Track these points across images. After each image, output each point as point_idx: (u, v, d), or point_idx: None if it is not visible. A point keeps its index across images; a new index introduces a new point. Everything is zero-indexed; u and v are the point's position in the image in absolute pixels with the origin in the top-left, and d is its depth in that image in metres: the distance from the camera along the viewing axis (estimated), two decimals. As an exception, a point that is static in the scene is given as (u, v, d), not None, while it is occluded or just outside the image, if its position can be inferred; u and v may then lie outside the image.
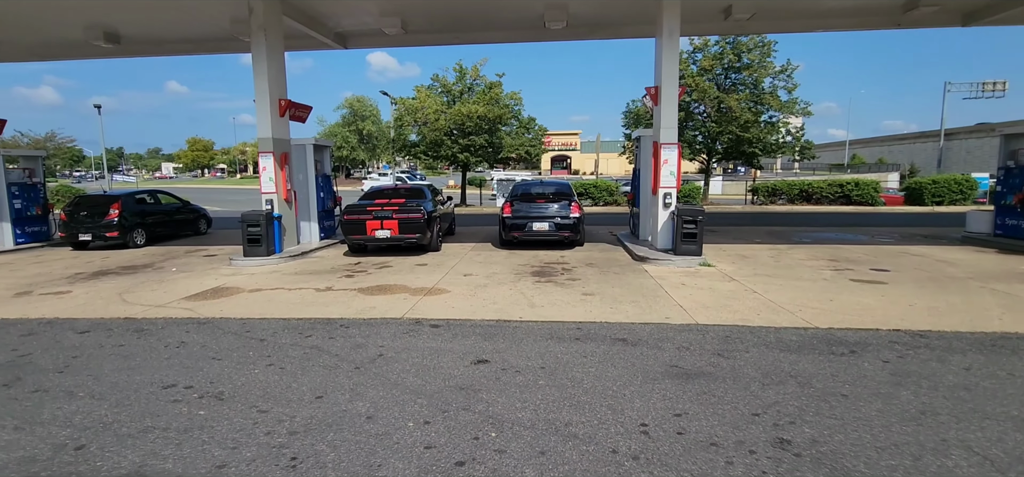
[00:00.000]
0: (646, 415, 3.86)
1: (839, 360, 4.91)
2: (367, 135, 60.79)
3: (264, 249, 10.69)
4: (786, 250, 11.50)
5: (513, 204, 11.80)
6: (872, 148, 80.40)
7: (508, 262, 10.29)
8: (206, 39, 14.59)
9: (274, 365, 4.96)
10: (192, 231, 15.99)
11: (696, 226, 9.79)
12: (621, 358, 5.02)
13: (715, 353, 5.12)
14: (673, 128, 10.42)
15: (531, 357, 5.07)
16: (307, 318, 6.56)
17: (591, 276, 8.86)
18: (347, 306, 7.12)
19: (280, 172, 11.54)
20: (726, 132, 21.57)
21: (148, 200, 14.80)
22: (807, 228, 15.91)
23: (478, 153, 24.58)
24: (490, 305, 7.04)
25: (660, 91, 10.47)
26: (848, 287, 7.91)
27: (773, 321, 6.16)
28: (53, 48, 15.31)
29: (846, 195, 22.35)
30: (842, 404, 4.00)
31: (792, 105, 22.05)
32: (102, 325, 6.45)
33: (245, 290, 8.25)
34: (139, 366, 5.00)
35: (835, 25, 13.15)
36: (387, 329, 6.04)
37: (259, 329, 6.14)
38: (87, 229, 13.08)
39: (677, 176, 10.55)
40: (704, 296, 7.41)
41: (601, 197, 24.45)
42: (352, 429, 3.69)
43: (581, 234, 11.85)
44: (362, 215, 10.93)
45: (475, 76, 24.53)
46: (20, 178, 13.82)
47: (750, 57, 21.53)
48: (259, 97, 11.16)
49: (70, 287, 8.78)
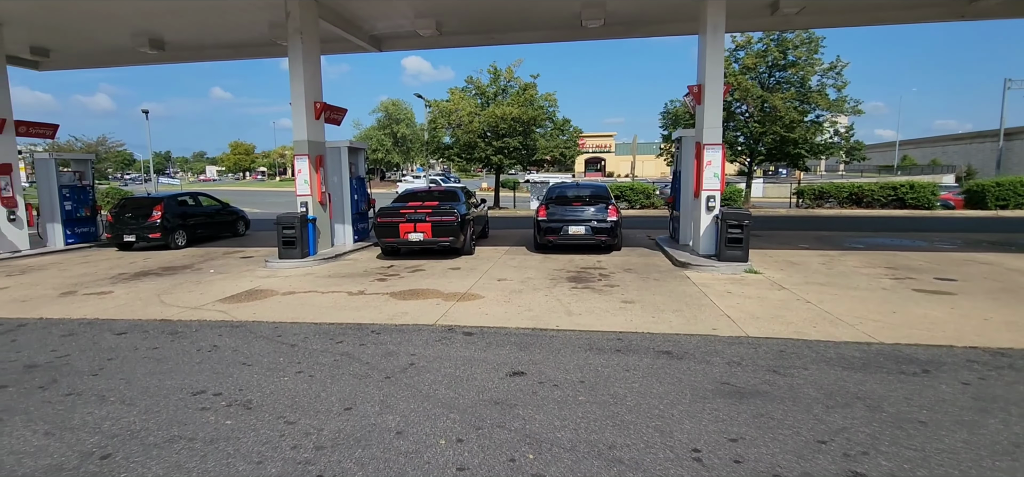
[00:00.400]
0: (698, 439, 3.52)
1: (911, 381, 4.45)
2: (401, 138, 61.45)
3: (299, 251, 10.71)
4: (838, 257, 10.85)
5: (548, 207, 11.51)
6: (924, 149, 76.68)
7: (543, 267, 10.01)
8: (246, 44, 14.85)
9: (303, 372, 4.82)
10: (231, 232, 16.30)
11: (742, 231, 9.30)
12: (666, 373, 4.67)
13: (770, 369, 4.72)
14: (717, 128, 9.94)
15: (569, 370, 4.78)
16: (338, 323, 6.43)
17: (630, 282, 8.50)
18: (379, 311, 6.98)
19: (315, 174, 11.57)
20: (770, 132, 20.70)
21: (189, 202, 15.14)
22: (859, 233, 15.06)
23: (512, 155, 24.37)
24: (525, 312, 6.78)
25: (703, 90, 10.01)
26: (911, 298, 7.31)
27: (831, 335, 5.69)
28: (102, 55, 15.87)
29: (900, 198, 21.13)
30: (921, 433, 3.57)
31: (841, 104, 20.99)
32: (139, 326, 6.47)
33: (279, 293, 8.22)
34: (171, 370, 4.94)
35: (893, 18, 12.38)
36: (419, 336, 5.85)
37: (291, 334, 6.04)
38: (131, 230, 13.44)
39: (721, 178, 10.07)
40: (753, 306, 6.96)
41: (637, 200, 23.88)
42: (381, 445, 3.49)
43: (618, 238, 11.47)
44: (395, 218, 10.84)
45: (510, 77, 24.34)
46: (70, 181, 14.32)
47: (796, 54, 20.61)
48: (295, 100, 11.22)
49: (112, 287, 8.95)
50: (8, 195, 12.84)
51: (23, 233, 13.20)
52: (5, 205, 12.80)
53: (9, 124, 13.01)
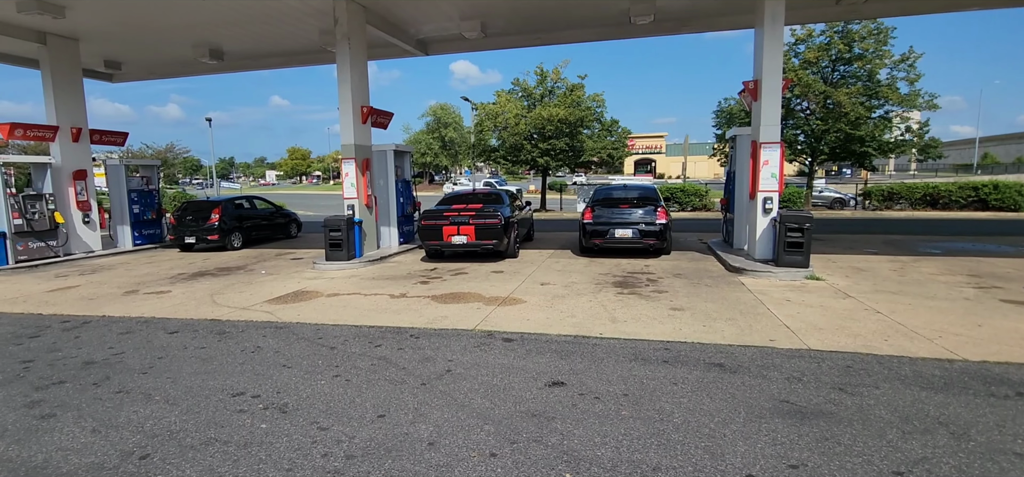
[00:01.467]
0: (753, 464, 3.20)
1: (1003, 405, 3.93)
2: (449, 141, 62.21)
3: (345, 254, 10.86)
4: (911, 262, 10.00)
5: (594, 209, 11.20)
6: (1008, 146, 70.81)
7: (588, 271, 9.72)
8: (298, 52, 15.29)
9: (340, 376, 4.78)
10: (284, 235, 16.82)
11: (802, 234, 8.70)
12: (718, 388, 4.33)
13: (835, 387, 4.30)
14: (775, 126, 9.36)
15: (612, 381, 4.52)
16: (378, 326, 6.40)
17: (679, 288, 8.10)
18: (419, 314, 6.91)
19: (361, 178, 11.72)
20: (833, 130, 19.47)
21: (245, 205, 15.72)
22: (935, 237, 13.91)
23: (558, 157, 24.08)
24: (568, 318, 6.54)
25: (760, 85, 9.46)
26: (999, 310, 6.58)
27: (906, 349, 5.16)
28: (168, 66, 16.77)
29: (982, 200, 19.40)
30: (1018, 467, 3.11)
31: (914, 97, 19.48)
32: (190, 326, 6.67)
33: (323, 294, 8.32)
34: (215, 370, 5.01)
35: (973, 3, 11.34)
36: (457, 341, 5.72)
37: (331, 336, 6.04)
38: (192, 233, 14.06)
39: (779, 178, 9.48)
40: (814, 315, 6.45)
41: (689, 202, 23.09)
42: (412, 457, 3.35)
43: (668, 242, 11.02)
44: (439, 221, 10.83)
45: (556, 78, 24.08)
46: (139, 185, 15.16)
47: (863, 46, 19.29)
48: (342, 104, 11.41)
49: (171, 287, 9.33)
50: (83, 199, 13.71)
51: (96, 235, 14.06)
52: (80, 208, 13.67)
53: (85, 133, 13.90)
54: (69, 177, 13.41)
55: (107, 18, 12.22)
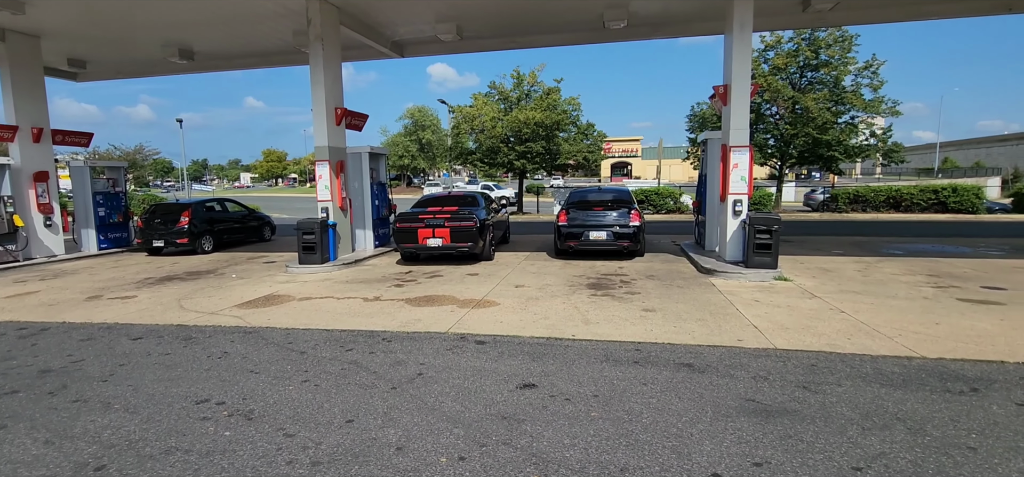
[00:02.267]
0: (718, 462, 3.25)
1: (958, 400, 4.07)
2: (427, 144, 61.92)
3: (318, 257, 10.71)
4: (875, 263, 10.30)
5: (569, 212, 11.27)
6: (966, 150, 73.51)
7: (563, 273, 9.77)
8: (271, 52, 15.04)
9: (309, 381, 4.70)
10: (257, 238, 16.52)
11: (771, 236, 8.89)
12: (686, 388, 4.39)
13: (800, 385, 4.40)
14: (744, 130, 9.56)
15: (583, 382, 4.55)
16: (350, 330, 6.32)
17: (652, 290, 8.19)
18: (392, 317, 6.85)
19: (336, 180, 11.58)
20: (801, 134, 19.97)
21: (217, 208, 15.40)
22: (897, 238, 14.36)
23: (535, 160, 24.18)
24: (541, 320, 6.55)
25: (730, 90, 9.64)
26: (956, 308, 6.82)
27: (868, 348, 5.31)
28: (136, 66, 16.33)
29: (941, 202, 20.10)
30: (970, 460, 3.22)
31: (878, 104, 20.10)
32: (155, 332, 6.49)
33: (295, 298, 8.19)
34: (178, 377, 4.88)
35: (933, 12, 11.75)
36: (430, 345, 5.69)
37: (302, 340, 5.95)
38: (160, 236, 13.70)
39: (748, 182, 9.67)
40: (782, 315, 6.59)
41: (663, 204, 23.38)
42: (379, 462, 3.32)
43: (641, 244, 11.14)
44: (414, 223, 10.76)
45: (533, 82, 24.17)
46: (104, 187, 14.72)
47: (829, 53, 19.85)
48: (316, 106, 11.26)
49: (137, 292, 9.08)
50: (45, 202, 13.24)
51: (58, 238, 13.60)
52: (42, 211, 13.21)
53: (46, 133, 13.44)
54: (29, 179, 12.94)
55: (71, 16, 11.85)
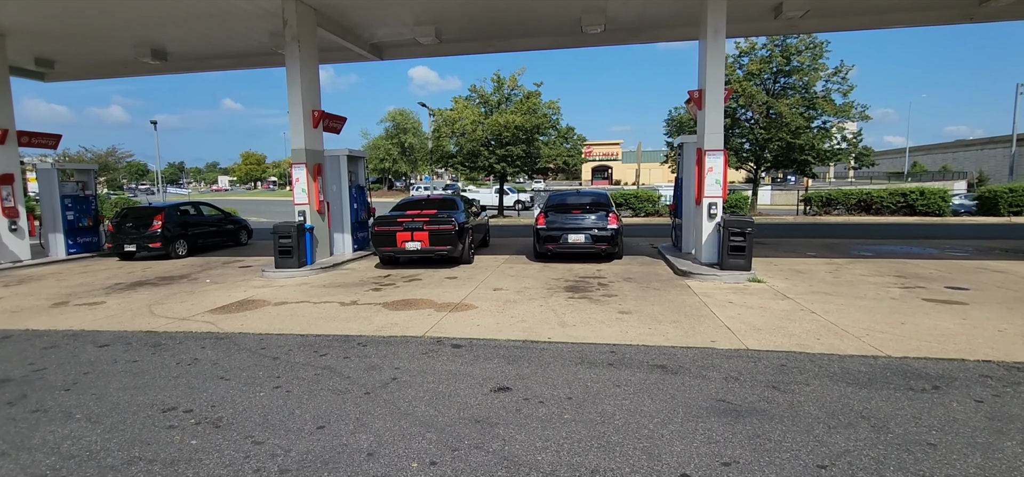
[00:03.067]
0: (688, 462, 3.29)
1: (920, 398, 4.18)
2: (408, 147, 61.60)
3: (295, 261, 10.58)
4: (845, 265, 10.54)
5: (547, 215, 11.31)
6: (934, 155, 75.71)
7: (541, 276, 9.80)
8: (247, 54, 14.84)
9: (281, 387, 4.64)
10: (233, 242, 16.24)
11: (744, 238, 9.04)
12: (659, 389, 4.44)
13: (769, 385, 4.48)
14: (718, 134, 9.71)
15: (558, 385, 4.56)
16: (325, 335, 6.26)
17: (629, 292, 8.26)
18: (368, 322, 6.79)
19: (313, 183, 11.46)
20: (775, 139, 20.38)
21: (191, 212, 15.11)
22: (867, 240, 14.71)
23: (515, 163, 24.23)
24: (518, 323, 6.56)
25: (704, 95, 9.80)
26: (921, 308, 7.02)
27: (836, 348, 5.43)
28: (107, 66, 15.95)
29: (910, 205, 20.69)
30: (930, 456, 3.32)
31: (848, 109, 20.61)
32: (123, 339, 6.34)
33: (270, 303, 8.07)
34: (145, 385, 4.78)
35: (898, 21, 12.11)
36: (405, 349, 5.65)
37: (275, 346, 5.87)
38: (132, 240, 13.40)
39: (723, 185, 9.83)
40: (754, 316, 6.70)
41: (642, 207, 23.62)
42: (349, 468, 3.29)
43: (619, 247, 11.24)
44: (392, 227, 10.69)
45: (513, 86, 24.24)
46: (73, 191, 14.34)
47: (800, 59, 20.31)
48: (293, 108, 11.14)
49: (106, 298, 8.85)
50: (10, 205, 12.85)
51: (24, 243, 13.20)
52: (7, 215, 12.81)
53: (11, 135, 13.05)
54: (-7, 182, 12.55)
55: (37, 13, 11.54)
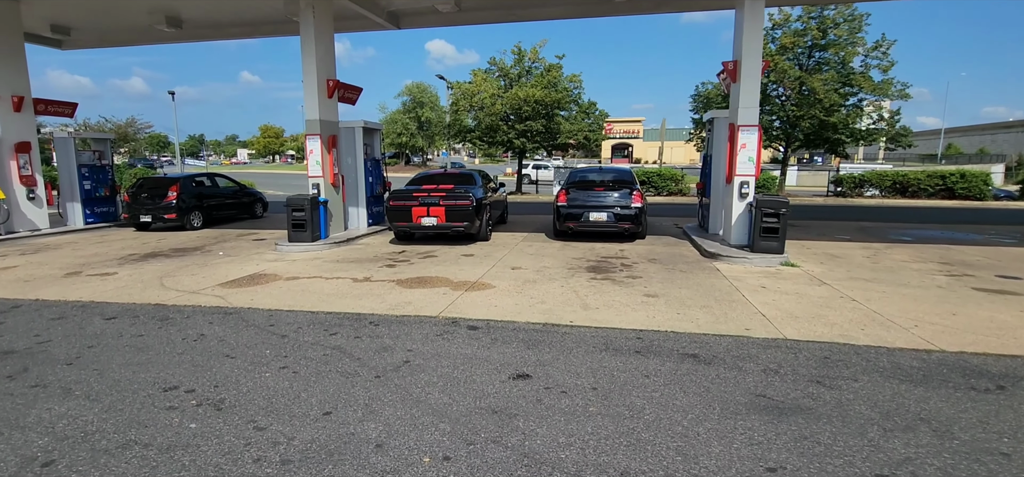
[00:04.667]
0: (729, 467, 2.95)
1: (985, 399, 3.77)
2: (426, 121, 61.09)
3: (309, 235, 10.37)
4: (883, 249, 9.98)
5: (568, 192, 10.90)
6: (971, 137, 72.91)
7: (561, 255, 9.44)
8: (262, 21, 14.48)
9: (288, 367, 4.39)
10: (249, 214, 16.14)
11: (778, 220, 8.55)
12: (692, 381, 4.09)
13: (813, 380, 4.09)
14: (753, 108, 9.16)
15: (581, 373, 4.24)
16: (337, 312, 6.01)
17: (654, 274, 7.87)
18: (382, 299, 6.53)
19: (327, 155, 11.20)
20: (808, 117, 19.50)
21: (206, 183, 15.00)
22: (905, 224, 14.03)
23: (535, 139, 23.70)
24: (538, 305, 6.24)
25: (739, 66, 9.22)
26: (972, 298, 6.51)
27: (883, 339, 5.00)
28: (123, 33, 15.77)
29: (949, 188, 19.74)
30: (1006, 469, 2.93)
31: (887, 86, 19.62)
32: (131, 311, 6.17)
33: (282, 278, 7.86)
34: (149, 362, 4.57)
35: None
36: (419, 330, 5.37)
37: (284, 323, 5.63)
38: (148, 211, 13.33)
39: (756, 163, 9.30)
40: (790, 303, 6.28)
41: (665, 186, 22.99)
42: (355, 461, 3.01)
43: (643, 226, 10.80)
44: (408, 201, 10.39)
45: (534, 58, 23.58)
46: (90, 160, 14.30)
47: (837, 32, 19.30)
48: (307, 78, 10.82)
49: (118, 268, 8.74)
50: (27, 173, 12.83)
51: (43, 212, 13.21)
52: (24, 183, 12.80)
53: (27, 102, 12.97)
54: (11, 150, 12.51)
55: (49, -22, 11.33)
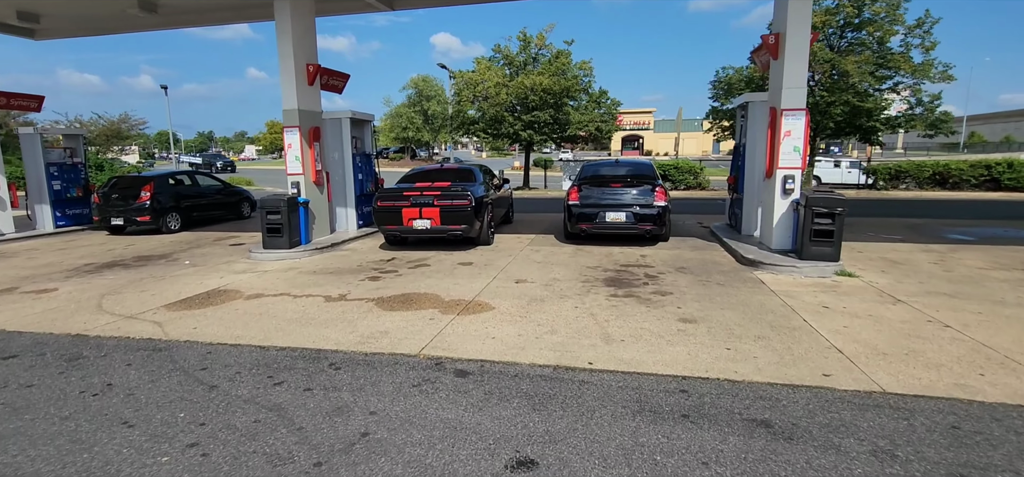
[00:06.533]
0: None
1: None
2: (432, 115, 59.78)
3: (286, 240, 9.14)
4: (949, 253, 8.58)
5: (581, 189, 9.58)
6: (993, 125, 70.72)
7: (574, 263, 8.14)
8: (242, 5, 13.21)
9: (198, 446, 3.15)
10: (235, 215, 14.96)
11: (834, 221, 7.18)
12: (774, 473, 2.78)
13: (953, 472, 2.77)
14: (801, 88, 7.77)
15: (608, 458, 2.95)
16: (291, 348, 4.75)
17: (686, 288, 6.54)
18: (353, 328, 5.27)
19: (309, 150, 9.96)
20: (840, 102, 17.94)
21: (186, 182, 13.83)
22: (956, 221, 12.55)
23: (542, 130, 22.34)
24: (547, 335, 4.95)
25: (783, 40, 7.83)
26: (1097, 321, 5.13)
27: (1018, 390, 3.66)
28: (95, 21, 14.55)
29: (994, 179, 18.12)
30: None
31: (928, 68, 18.00)
32: (40, 346, 4.95)
33: (243, 296, 6.63)
34: (12, 434, 3.34)
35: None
36: (391, 377, 4.10)
37: (221, 364, 4.39)
38: (119, 213, 12.21)
39: (803, 154, 7.93)
40: (868, 330, 4.94)
41: (682, 180, 21.57)
42: None
43: (667, 227, 9.47)
44: (398, 201, 9.13)
45: (541, 44, 22.20)
46: (60, 158, 13.18)
47: (874, 10, 17.69)
48: (283, 61, 9.56)
49: (63, 283, 7.56)
50: (-14, 173, 11.73)
51: (7, 215, 12.10)
52: (-17, 184, 11.71)
53: (-12, 96, 11.86)
54: (-33, 148, 11.41)
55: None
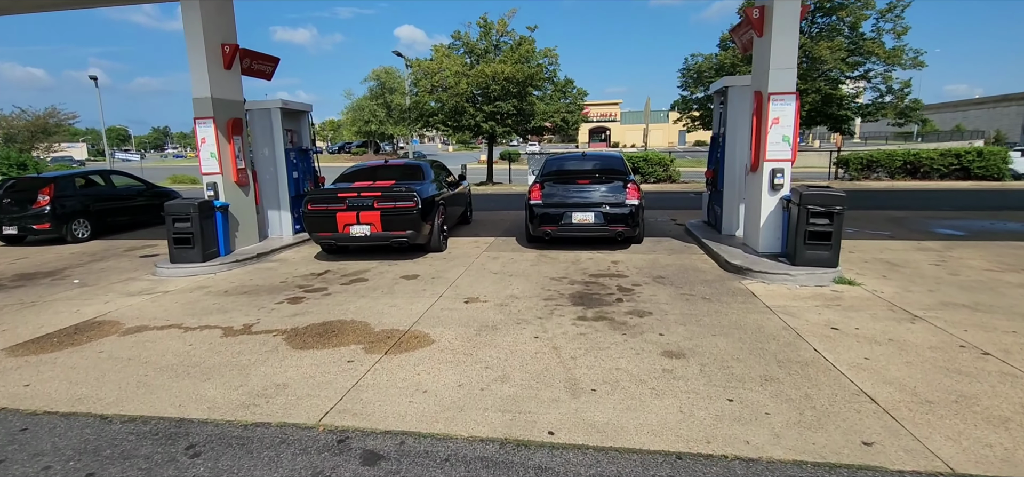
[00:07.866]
0: None
1: None
2: (395, 107, 57.79)
3: (198, 252, 7.73)
4: (946, 252, 7.82)
5: (544, 186, 8.46)
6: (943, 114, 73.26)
7: (536, 273, 7.02)
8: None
9: None
10: (160, 219, 13.26)
11: (831, 221, 6.24)
12: None
13: None
14: (790, 69, 6.81)
15: None
16: (144, 418, 3.47)
17: (667, 305, 5.49)
18: (243, 379, 4.01)
19: (227, 145, 8.54)
20: (812, 90, 17.33)
21: (98, 183, 12.11)
22: (936, 213, 11.97)
23: (505, 121, 21.14)
24: (495, 385, 3.79)
25: (768, 13, 6.85)
26: None
27: (1124, 464, 2.70)
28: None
29: (964, 168, 17.85)
30: None
31: (899, 53, 17.58)
32: None
33: (120, 329, 5.26)
34: None
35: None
36: (273, 467, 2.88)
37: (28, 452, 3.09)
38: (12, 220, 10.49)
39: (793, 144, 6.98)
40: (892, 361, 3.96)
41: (652, 173, 20.70)
42: None
43: (641, 228, 8.45)
44: (331, 205, 7.82)
45: (503, 31, 20.96)
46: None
47: (845, -7, 17.09)
48: (191, 42, 8.08)
49: (-102, 315, 6.01)
50: None
51: None
52: None
53: None
54: None
55: None
